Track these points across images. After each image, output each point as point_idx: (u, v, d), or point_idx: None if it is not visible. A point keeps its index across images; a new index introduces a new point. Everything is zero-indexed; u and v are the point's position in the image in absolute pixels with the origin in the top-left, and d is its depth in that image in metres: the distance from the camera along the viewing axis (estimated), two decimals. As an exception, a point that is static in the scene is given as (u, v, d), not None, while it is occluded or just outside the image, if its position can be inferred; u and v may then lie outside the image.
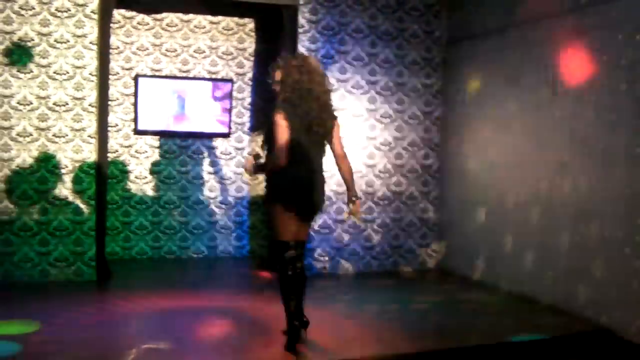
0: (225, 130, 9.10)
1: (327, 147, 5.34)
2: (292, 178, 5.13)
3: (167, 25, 9.05)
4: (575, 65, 6.57)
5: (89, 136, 7.53)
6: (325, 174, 5.41)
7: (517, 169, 7.36)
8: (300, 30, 8.24)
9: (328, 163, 5.41)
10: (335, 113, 5.37)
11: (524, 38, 7.27)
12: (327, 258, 8.33)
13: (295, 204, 5.18)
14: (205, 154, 9.20)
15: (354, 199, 5.34)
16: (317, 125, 5.19)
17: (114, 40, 8.67)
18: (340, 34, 8.36)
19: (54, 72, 7.44)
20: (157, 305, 6.61)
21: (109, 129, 8.35)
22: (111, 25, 8.11)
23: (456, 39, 8.52)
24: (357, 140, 8.41)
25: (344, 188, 8.14)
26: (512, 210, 7.39)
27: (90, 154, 7.53)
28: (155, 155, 9.01)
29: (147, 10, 8.93)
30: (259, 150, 5.45)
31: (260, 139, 5.43)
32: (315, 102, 5.17)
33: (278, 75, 5.28)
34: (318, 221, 8.17)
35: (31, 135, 7.40)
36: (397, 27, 8.57)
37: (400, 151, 8.61)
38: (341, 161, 5.38)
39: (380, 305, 6.81)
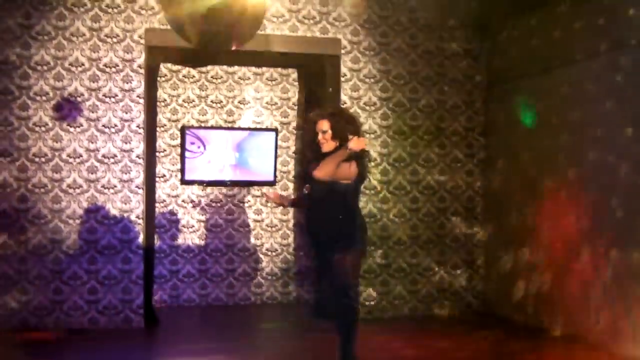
0: (270, 178, 9.23)
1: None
2: (364, 223, 5.61)
3: (212, 77, 9.29)
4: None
5: (136, 186, 7.73)
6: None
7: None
8: (342, 78, 8.37)
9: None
10: None
11: (565, 78, 7.29)
12: (373, 303, 8.33)
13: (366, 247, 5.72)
14: (251, 202, 9.33)
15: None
16: (365, 170, 5.64)
17: (160, 93, 8.93)
18: (382, 82, 8.47)
19: (103, 126, 7.70)
20: (204, 351, 6.68)
21: (157, 179, 8.56)
22: (158, 78, 8.37)
23: (497, 82, 8.56)
24: (401, 185, 8.46)
25: (387, 233, 8.34)
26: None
27: (138, 204, 7.72)
28: (202, 205, 9.17)
29: (193, 64, 9.18)
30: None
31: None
32: (367, 156, 5.56)
33: (325, 125, 5.41)
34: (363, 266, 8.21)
35: (81, 187, 7.63)
36: (437, 72, 8.65)
37: (444, 194, 8.62)
38: None
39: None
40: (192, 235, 9.13)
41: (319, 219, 5.43)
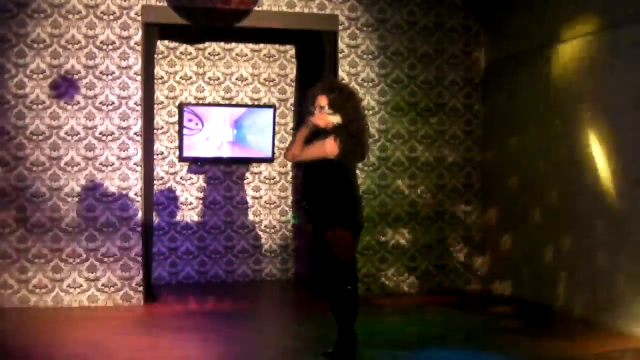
0: (268, 155, 9.22)
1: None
2: (355, 200, 5.35)
3: (210, 54, 9.25)
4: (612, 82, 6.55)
5: (134, 164, 7.73)
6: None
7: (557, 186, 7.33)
8: (340, 55, 8.34)
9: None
10: None
11: (562, 56, 7.27)
12: (371, 279, 8.37)
13: (358, 223, 5.39)
14: (250, 179, 9.33)
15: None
16: (365, 147, 5.46)
17: (158, 71, 8.89)
18: (380, 58, 8.44)
19: (100, 103, 7.68)
20: (203, 327, 6.72)
21: (155, 156, 8.56)
22: (155, 55, 8.34)
23: (495, 60, 8.53)
24: (399, 161, 8.46)
25: (386, 209, 8.35)
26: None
27: (136, 182, 7.72)
28: (200, 182, 9.18)
29: (190, 40, 9.14)
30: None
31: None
32: (363, 124, 5.40)
33: (323, 100, 5.32)
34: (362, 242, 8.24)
35: (79, 164, 7.62)
36: (435, 49, 8.62)
37: (442, 171, 8.63)
38: None
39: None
40: (190, 212, 9.15)
41: (309, 196, 5.43)
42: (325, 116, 5.27)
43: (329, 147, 5.20)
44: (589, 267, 6.82)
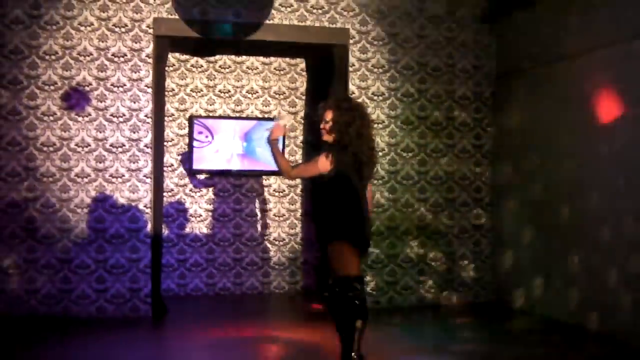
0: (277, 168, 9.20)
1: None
2: (356, 216, 5.24)
3: (220, 67, 9.29)
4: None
5: (144, 176, 7.75)
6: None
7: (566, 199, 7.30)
8: (350, 68, 8.36)
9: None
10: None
11: (573, 70, 7.26)
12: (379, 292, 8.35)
13: (361, 241, 5.27)
14: (259, 192, 9.34)
15: None
16: (367, 168, 5.33)
17: (168, 83, 8.93)
18: (390, 72, 8.45)
19: (111, 115, 7.71)
20: (212, 340, 6.71)
21: (165, 168, 8.58)
22: (166, 68, 8.37)
23: (506, 73, 8.53)
24: (409, 175, 8.45)
25: (395, 222, 8.34)
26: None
27: (145, 193, 7.74)
28: (210, 194, 9.19)
29: (201, 53, 9.18)
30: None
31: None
32: (366, 146, 5.29)
33: (329, 115, 5.34)
34: (371, 256, 8.23)
35: (89, 176, 7.65)
36: (446, 63, 8.62)
37: (452, 185, 8.61)
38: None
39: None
40: (199, 224, 9.15)
41: (314, 212, 5.50)
42: (278, 128, 5.42)
43: (321, 164, 5.22)
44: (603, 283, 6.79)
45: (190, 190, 9.16)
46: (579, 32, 7.22)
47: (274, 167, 9.00)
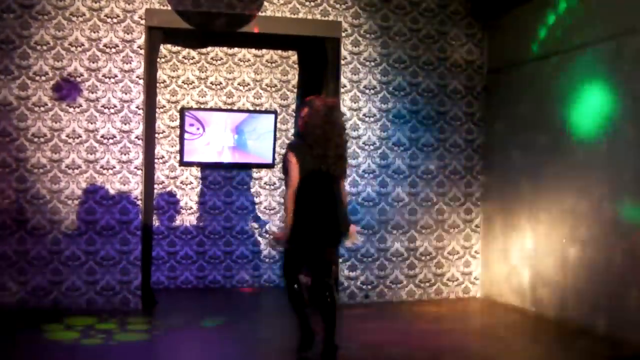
0: (269, 161, 9.22)
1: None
2: (303, 217, 5.67)
3: (212, 59, 9.26)
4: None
5: (135, 168, 7.72)
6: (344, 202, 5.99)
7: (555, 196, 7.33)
8: (342, 61, 8.35)
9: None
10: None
11: (564, 66, 7.28)
12: (370, 287, 8.35)
13: (314, 240, 5.69)
14: (250, 185, 9.33)
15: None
16: (333, 170, 5.68)
17: (160, 74, 8.89)
18: (382, 66, 8.45)
19: (102, 106, 7.68)
20: (200, 333, 6.70)
21: (156, 160, 8.55)
22: (158, 59, 8.34)
23: (497, 67, 8.54)
24: (400, 169, 8.46)
25: (386, 217, 8.35)
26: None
27: (136, 185, 7.71)
28: (201, 186, 9.18)
29: (193, 45, 9.15)
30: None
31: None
32: (333, 151, 5.61)
33: (304, 112, 5.68)
34: (361, 250, 8.24)
35: (80, 167, 7.62)
36: (438, 57, 8.63)
37: (443, 179, 8.63)
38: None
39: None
40: (190, 217, 9.14)
41: (314, 212, 5.83)
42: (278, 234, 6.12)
43: (294, 165, 5.64)
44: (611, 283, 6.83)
45: (181, 182, 9.13)
46: (571, 28, 7.23)
47: (265, 160, 9.12)
